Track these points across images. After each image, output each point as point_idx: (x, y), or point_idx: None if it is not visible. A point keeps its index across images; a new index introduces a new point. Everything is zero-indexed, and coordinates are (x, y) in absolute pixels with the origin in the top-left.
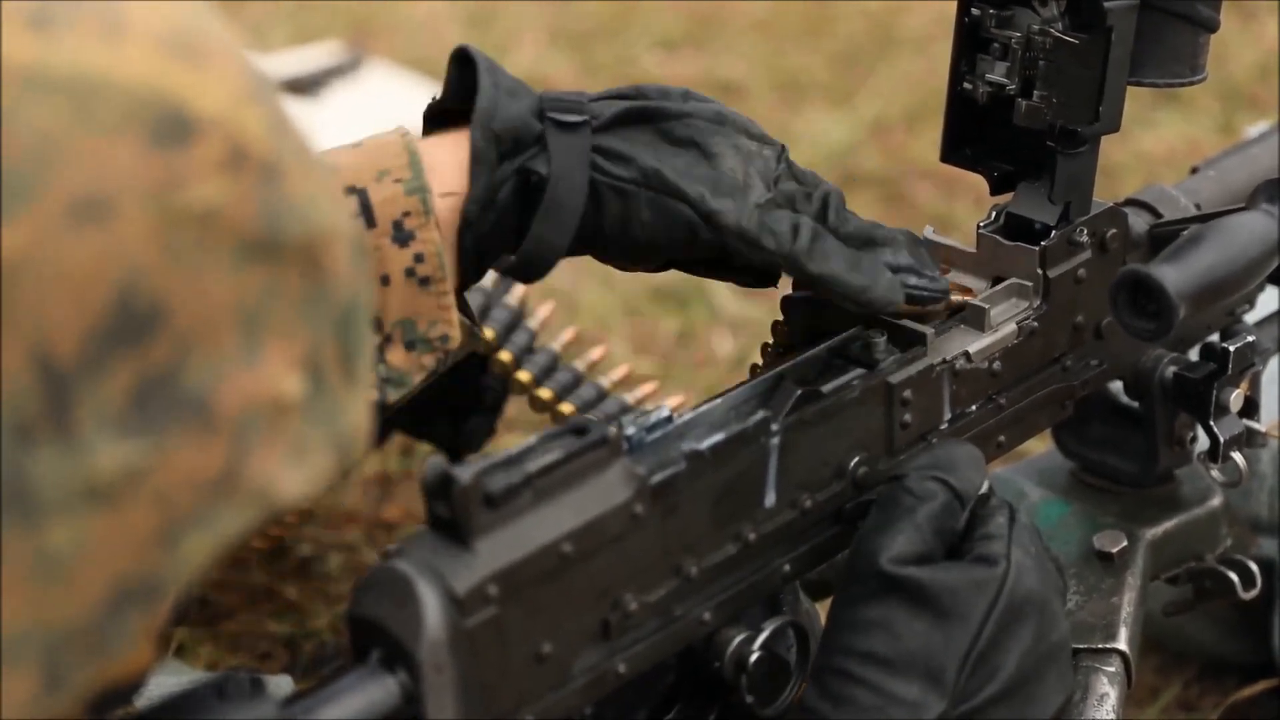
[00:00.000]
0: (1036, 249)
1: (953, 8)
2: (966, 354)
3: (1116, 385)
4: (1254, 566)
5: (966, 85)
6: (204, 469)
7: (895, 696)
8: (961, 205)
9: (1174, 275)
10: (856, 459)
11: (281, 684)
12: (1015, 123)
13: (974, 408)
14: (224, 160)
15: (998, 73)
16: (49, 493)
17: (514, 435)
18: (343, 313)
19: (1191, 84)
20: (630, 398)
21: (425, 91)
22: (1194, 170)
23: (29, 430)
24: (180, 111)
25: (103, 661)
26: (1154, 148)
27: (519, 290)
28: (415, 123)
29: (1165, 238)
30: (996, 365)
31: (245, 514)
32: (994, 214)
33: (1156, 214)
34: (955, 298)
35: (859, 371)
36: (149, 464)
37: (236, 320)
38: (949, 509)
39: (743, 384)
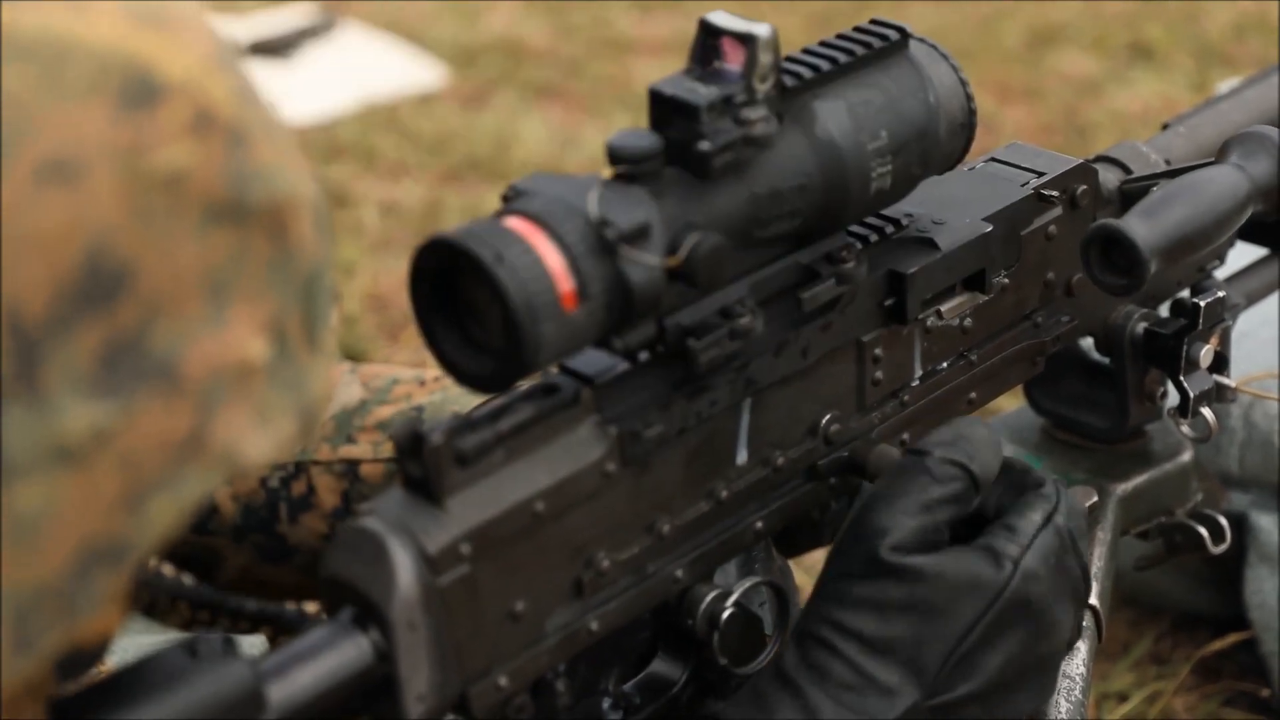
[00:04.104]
0: None
1: None
2: (938, 311)
3: (1087, 341)
4: (1224, 521)
5: None
6: (170, 431)
7: (873, 680)
8: None
9: (1144, 230)
10: (828, 416)
11: (255, 644)
12: None
13: (945, 364)
14: (191, 124)
15: None
16: (18, 453)
17: None
18: (306, 280)
19: None
20: None
21: (398, 53)
22: (1165, 127)
23: None
24: (148, 75)
25: (71, 623)
26: (1128, 105)
27: None
28: (386, 84)
29: (1136, 194)
30: (967, 322)
31: (210, 476)
32: None
33: (1127, 170)
34: None
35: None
36: (117, 426)
37: (203, 284)
38: (964, 497)
39: None
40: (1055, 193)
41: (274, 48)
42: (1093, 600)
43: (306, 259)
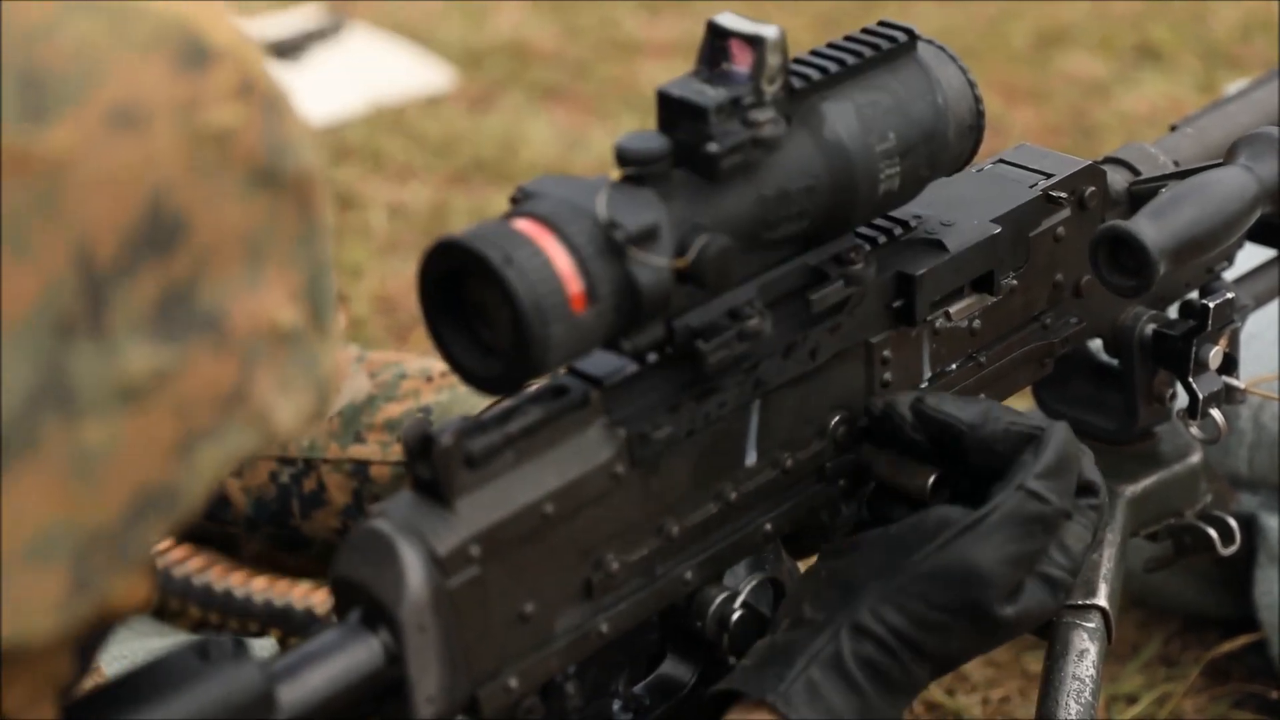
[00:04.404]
0: None
1: None
2: (946, 312)
3: (1096, 343)
4: (1233, 522)
5: None
6: (218, 383)
7: (916, 680)
8: None
9: (1153, 230)
10: (837, 418)
11: (265, 646)
12: None
13: (954, 366)
14: (237, 88)
15: None
16: (86, 390)
17: None
18: (318, 268)
19: None
20: None
21: (405, 55)
22: (1173, 128)
23: (69, 328)
24: (199, 39)
25: (122, 570)
26: (1136, 106)
27: None
28: (394, 86)
29: (1144, 195)
30: (976, 323)
31: (250, 434)
32: None
33: (1135, 172)
34: None
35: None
36: (173, 370)
37: (244, 245)
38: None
39: None
40: (1063, 194)
41: (281, 50)
42: (1102, 602)
43: (325, 238)
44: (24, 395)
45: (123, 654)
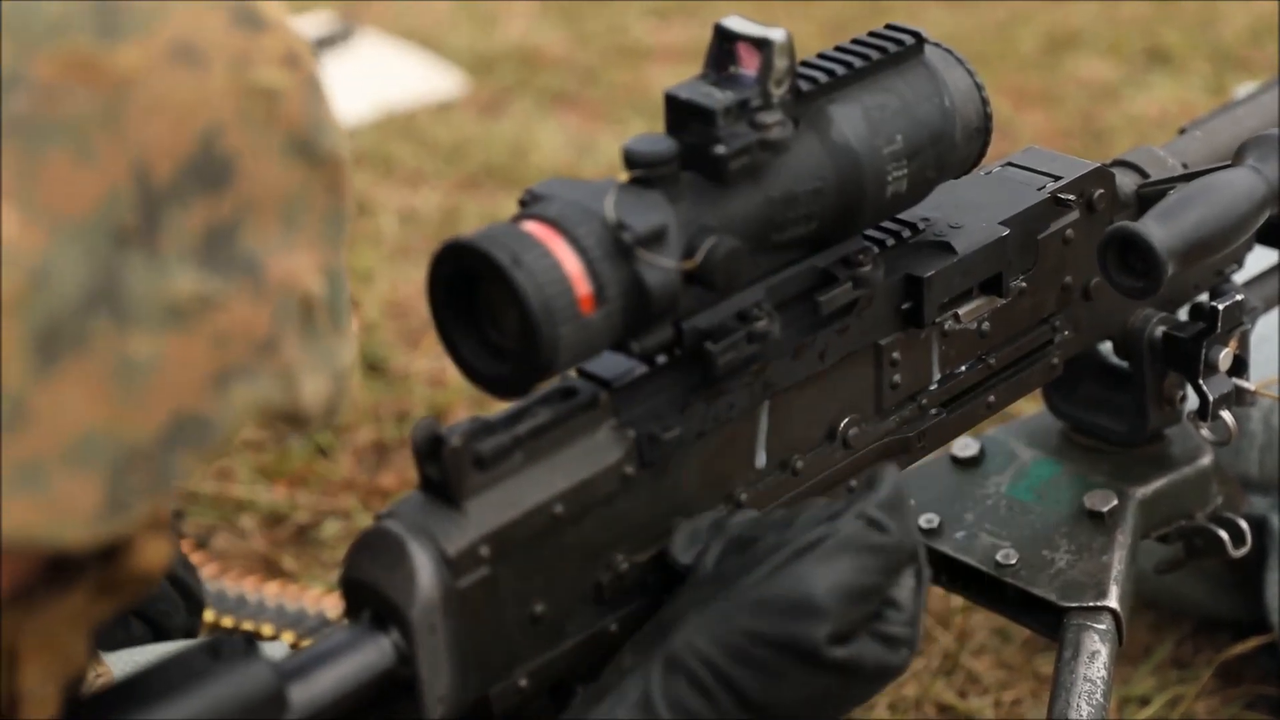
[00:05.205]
0: None
1: None
2: (955, 314)
3: (1106, 345)
4: (1244, 524)
5: None
6: (254, 327)
7: None
8: None
9: (1161, 232)
10: (846, 419)
11: (277, 649)
12: None
13: (963, 368)
14: (284, 56)
15: None
16: (136, 302)
17: None
18: (338, 258)
19: None
20: None
21: (416, 61)
22: (1181, 131)
23: (125, 238)
24: (252, 8)
25: (157, 497)
26: (1146, 109)
27: None
28: (404, 92)
29: (1153, 197)
30: (985, 325)
31: (279, 388)
32: None
33: (1144, 174)
34: None
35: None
36: (215, 301)
37: (281, 206)
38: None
39: None
40: (1072, 197)
41: None
42: (1113, 603)
43: (346, 232)
44: (79, 293)
45: (134, 659)
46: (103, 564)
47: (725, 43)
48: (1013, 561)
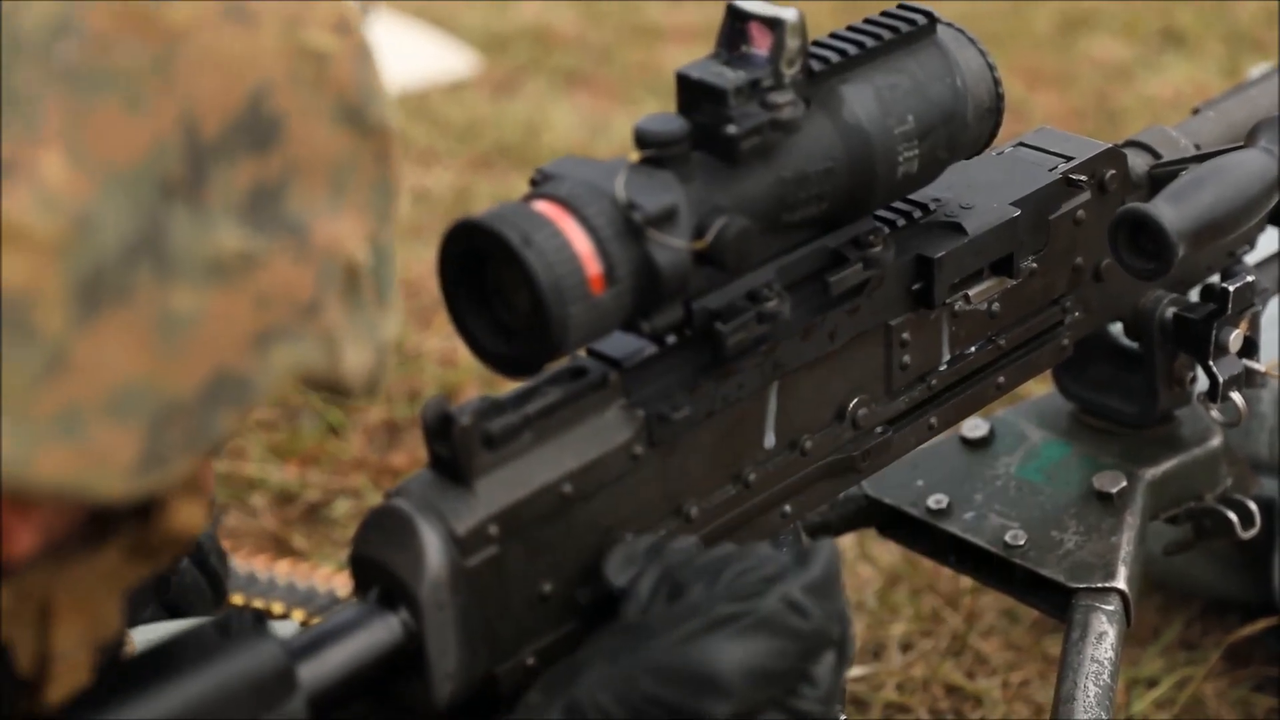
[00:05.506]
0: None
1: None
2: (966, 295)
3: (1117, 326)
4: (1253, 506)
5: None
6: (297, 289)
7: None
8: None
9: (1172, 213)
10: (856, 400)
11: (286, 627)
12: None
13: (973, 349)
14: (335, 23)
15: None
16: (180, 255)
17: None
18: (386, 231)
19: None
20: None
21: (429, 41)
22: (1194, 112)
23: (172, 190)
24: None
25: (194, 454)
26: (1160, 90)
27: None
28: (417, 71)
29: (1165, 178)
30: (995, 306)
31: (320, 352)
32: None
33: (1156, 155)
34: None
35: None
36: (259, 259)
37: (328, 170)
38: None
39: None
40: (1083, 177)
41: None
42: (1121, 585)
43: (395, 206)
44: (123, 243)
45: (145, 636)
46: (137, 523)
47: (737, 22)
48: (1021, 542)
